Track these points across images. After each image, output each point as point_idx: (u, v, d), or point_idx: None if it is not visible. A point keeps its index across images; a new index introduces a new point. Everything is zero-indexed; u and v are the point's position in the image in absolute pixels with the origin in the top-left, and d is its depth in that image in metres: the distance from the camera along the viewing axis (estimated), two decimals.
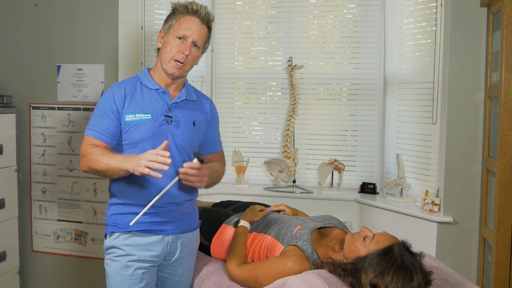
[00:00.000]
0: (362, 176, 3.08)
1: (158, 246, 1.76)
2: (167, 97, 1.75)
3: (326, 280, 1.52)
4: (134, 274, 1.72)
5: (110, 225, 1.76)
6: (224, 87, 3.22)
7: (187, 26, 1.72)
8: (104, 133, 1.67)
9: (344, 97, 3.16)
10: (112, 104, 1.69)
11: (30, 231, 2.95)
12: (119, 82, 1.78)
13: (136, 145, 1.70)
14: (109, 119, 1.68)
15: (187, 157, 1.77)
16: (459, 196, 2.52)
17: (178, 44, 1.71)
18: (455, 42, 2.48)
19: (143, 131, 1.69)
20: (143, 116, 1.70)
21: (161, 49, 1.76)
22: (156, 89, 1.75)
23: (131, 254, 1.72)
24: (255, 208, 2.11)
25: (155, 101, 1.74)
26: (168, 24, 1.75)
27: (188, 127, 1.78)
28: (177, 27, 1.72)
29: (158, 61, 1.78)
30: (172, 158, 1.53)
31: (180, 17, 1.73)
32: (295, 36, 3.11)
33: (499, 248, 2.19)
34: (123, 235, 1.73)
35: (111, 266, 1.74)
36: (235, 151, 3.15)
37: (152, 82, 1.76)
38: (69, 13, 2.80)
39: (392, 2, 2.91)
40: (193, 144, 1.82)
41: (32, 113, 2.89)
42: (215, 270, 1.97)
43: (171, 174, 1.65)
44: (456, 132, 2.50)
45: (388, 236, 1.61)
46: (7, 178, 2.75)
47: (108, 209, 1.80)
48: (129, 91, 1.73)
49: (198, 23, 1.74)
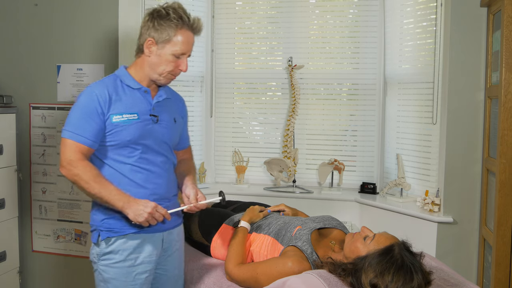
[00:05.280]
0: (362, 176, 3.08)
1: (155, 245, 1.75)
2: (149, 96, 1.74)
3: (326, 280, 1.52)
4: (136, 278, 1.71)
5: (104, 230, 1.69)
6: (224, 87, 3.22)
7: (185, 43, 1.67)
8: (88, 137, 1.62)
9: (344, 97, 3.16)
10: (97, 105, 1.63)
11: (30, 231, 2.95)
12: (99, 82, 1.70)
13: (126, 146, 1.67)
14: (93, 122, 1.62)
15: (167, 153, 1.79)
16: (459, 196, 2.52)
17: (175, 59, 1.68)
18: (455, 42, 2.47)
19: (131, 131, 1.67)
20: (130, 117, 1.67)
21: (152, 59, 1.69)
22: (138, 89, 1.72)
23: (131, 258, 1.70)
24: (255, 209, 2.11)
25: (139, 101, 1.71)
26: (163, 36, 1.65)
27: (170, 125, 1.79)
28: (175, 43, 1.66)
29: (144, 65, 1.71)
30: (156, 154, 1.72)
31: (176, 30, 1.66)
32: (295, 36, 3.11)
33: (499, 248, 2.19)
34: (120, 240, 1.69)
35: (110, 273, 1.69)
36: (235, 151, 3.15)
37: (133, 82, 1.72)
38: (69, 13, 2.80)
39: (392, 2, 2.91)
40: (174, 141, 1.84)
41: (32, 113, 2.89)
42: (215, 270, 1.98)
43: (160, 173, 1.74)
44: (456, 132, 2.50)
45: (388, 236, 1.62)
46: (7, 178, 2.75)
47: (94, 213, 1.73)
48: (112, 91, 1.67)
49: (192, 37, 1.71)
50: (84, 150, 1.63)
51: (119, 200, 1.60)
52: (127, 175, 1.68)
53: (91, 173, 1.60)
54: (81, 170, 1.59)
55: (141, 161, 1.70)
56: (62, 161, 1.62)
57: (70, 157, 1.61)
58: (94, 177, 1.60)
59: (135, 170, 1.69)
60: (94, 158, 1.70)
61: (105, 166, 1.69)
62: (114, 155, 1.68)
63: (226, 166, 3.24)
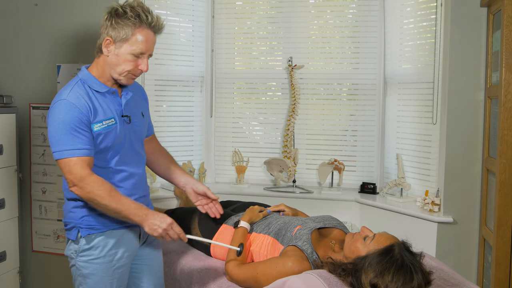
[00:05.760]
0: (362, 176, 3.08)
1: (133, 239, 1.77)
2: (117, 97, 1.71)
3: (326, 280, 1.52)
4: (115, 272, 1.72)
5: (84, 227, 1.68)
6: (224, 87, 3.22)
7: (144, 42, 1.62)
8: (87, 148, 1.59)
9: (344, 97, 3.16)
10: (81, 116, 1.58)
11: (30, 231, 2.95)
12: (70, 93, 1.61)
13: (107, 151, 1.67)
14: (85, 132, 1.59)
15: (141, 150, 1.81)
16: (459, 196, 2.52)
17: (134, 59, 1.64)
18: (455, 42, 2.48)
19: (112, 137, 1.66)
20: (109, 122, 1.65)
21: (111, 58, 1.64)
22: (106, 91, 1.68)
23: (111, 254, 1.70)
24: (254, 209, 2.11)
25: (110, 104, 1.68)
26: (121, 35, 1.60)
27: (140, 121, 1.79)
28: (133, 42, 1.61)
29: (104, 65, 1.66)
30: (132, 154, 1.74)
31: (134, 29, 1.61)
32: (295, 36, 3.11)
33: (499, 248, 2.19)
34: (99, 237, 1.69)
35: (88, 268, 1.68)
36: (235, 151, 3.15)
37: (100, 85, 1.66)
38: (69, 13, 2.80)
39: (392, 2, 2.91)
40: (144, 135, 1.85)
41: (32, 113, 2.89)
42: (215, 270, 1.98)
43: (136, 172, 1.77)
44: (456, 132, 2.50)
45: (388, 236, 1.62)
46: (7, 178, 2.75)
47: (71, 211, 1.71)
48: (87, 99, 1.62)
49: (152, 36, 1.66)
50: (89, 162, 1.60)
51: (137, 215, 1.60)
52: (108, 178, 1.66)
53: (104, 187, 1.58)
54: (94, 187, 1.56)
55: (119, 163, 1.71)
56: (73, 180, 1.57)
57: (81, 173, 1.56)
58: (109, 192, 1.58)
59: (114, 171, 1.70)
60: None
61: None
62: (95, 161, 1.66)
63: (226, 166, 3.24)
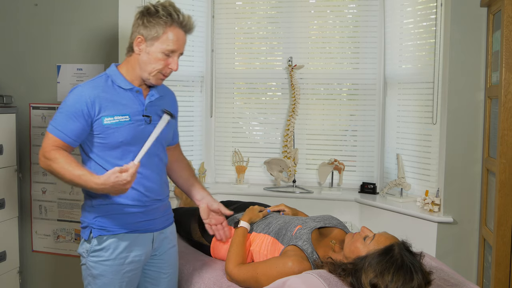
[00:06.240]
0: (362, 176, 3.08)
1: (145, 245, 1.76)
2: (141, 96, 1.72)
3: (326, 280, 1.52)
4: (124, 276, 1.72)
5: (96, 228, 1.69)
6: (224, 87, 3.22)
7: (175, 41, 1.65)
8: (69, 135, 1.62)
9: (344, 97, 3.16)
10: (83, 106, 1.62)
11: (30, 231, 2.95)
12: (90, 83, 1.68)
13: (118, 147, 1.67)
14: (78, 122, 1.62)
15: (161, 152, 1.80)
16: (459, 196, 2.52)
17: (165, 58, 1.66)
18: (455, 42, 2.48)
19: (123, 133, 1.66)
20: (121, 118, 1.66)
21: (142, 57, 1.67)
22: (130, 89, 1.70)
23: (121, 257, 1.70)
24: (254, 209, 2.11)
25: (131, 102, 1.69)
26: (152, 33, 1.64)
27: None
28: (164, 41, 1.64)
29: (135, 64, 1.70)
30: (150, 156, 1.68)
31: (165, 27, 1.64)
32: (295, 36, 3.11)
33: (499, 248, 2.19)
34: (111, 239, 1.70)
35: (98, 269, 1.69)
36: (235, 151, 3.15)
37: (125, 82, 1.70)
38: (69, 13, 2.80)
39: (392, 2, 2.91)
40: (168, 139, 1.85)
41: (32, 113, 2.89)
42: (215, 270, 1.98)
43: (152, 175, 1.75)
44: (456, 132, 2.50)
45: (388, 236, 1.62)
46: (7, 178, 2.75)
47: (87, 210, 1.73)
48: (102, 92, 1.65)
49: (183, 35, 1.69)
50: (63, 146, 1.63)
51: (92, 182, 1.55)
52: None
53: (65, 159, 1.59)
54: (53, 155, 1.59)
55: None
56: (40, 153, 1.63)
57: (47, 148, 1.62)
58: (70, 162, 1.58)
59: None
60: (81, 153, 1.73)
61: (91, 162, 1.69)
62: (105, 155, 1.67)
63: (226, 166, 3.24)
